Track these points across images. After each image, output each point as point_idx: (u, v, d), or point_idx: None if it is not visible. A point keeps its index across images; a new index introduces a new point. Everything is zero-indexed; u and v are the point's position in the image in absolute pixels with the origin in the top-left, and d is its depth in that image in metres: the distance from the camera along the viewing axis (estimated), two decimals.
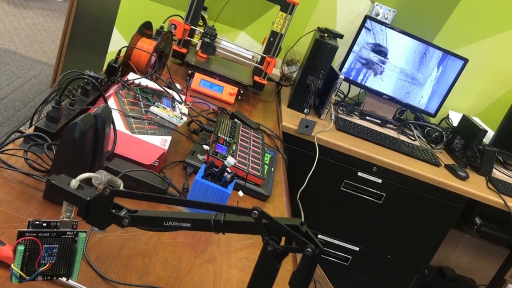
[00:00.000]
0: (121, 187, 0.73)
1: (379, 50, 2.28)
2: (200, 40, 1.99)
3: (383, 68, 2.31)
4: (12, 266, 0.66)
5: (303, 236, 0.62)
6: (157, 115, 1.24)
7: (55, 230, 0.68)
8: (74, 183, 0.69)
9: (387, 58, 2.29)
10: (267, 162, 1.42)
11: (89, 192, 0.69)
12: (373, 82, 2.34)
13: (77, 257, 0.70)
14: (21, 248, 0.65)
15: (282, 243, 0.64)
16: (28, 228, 0.66)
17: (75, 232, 0.69)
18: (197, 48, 2.01)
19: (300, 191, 1.96)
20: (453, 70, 2.32)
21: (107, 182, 0.71)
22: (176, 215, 0.67)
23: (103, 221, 0.69)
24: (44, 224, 0.67)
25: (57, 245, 0.68)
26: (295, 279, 0.64)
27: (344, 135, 2.08)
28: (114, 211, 0.69)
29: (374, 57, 2.29)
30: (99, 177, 0.70)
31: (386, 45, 2.27)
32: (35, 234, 0.66)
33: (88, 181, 0.70)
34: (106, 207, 0.68)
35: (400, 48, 2.28)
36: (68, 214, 0.69)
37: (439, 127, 2.51)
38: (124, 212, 0.69)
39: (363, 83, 2.34)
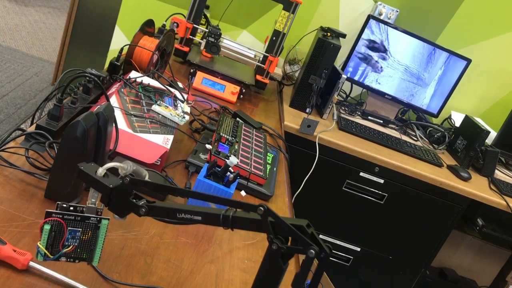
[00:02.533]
0: (146, 178, 0.76)
1: (382, 49, 2.27)
2: (204, 39, 1.98)
3: (386, 68, 2.30)
4: (38, 244, 0.69)
5: (308, 237, 0.61)
6: (159, 114, 1.24)
7: (80, 214, 0.71)
8: (101, 171, 0.71)
9: (390, 58, 2.28)
10: (269, 162, 1.41)
11: (113, 180, 0.71)
12: (375, 82, 2.33)
13: (99, 242, 0.73)
14: (47, 227, 0.69)
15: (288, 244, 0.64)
16: (56, 209, 0.70)
17: (98, 219, 0.72)
18: (202, 48, 2.00)
19: (295, 195, 1.95)
20: (456, 70, 2.31)
21: (133, 172, 0.74)
22: (189, 208, 0.69)
23: (123, 209, 0.72)
24: (71, 208, 0.70)
25: (81, 229, 0.71)
26: (297, 280, 0.63)
27: (346, 135, 2.07)
28: (134, 200, 0.71)
29: (377, 57, 2.28)
30: (125, 167, 0.73)
31: (389, 45, 2.26)
32: (61, 216, 0.69)
33: (116, 172, 0.73)
34: (126, 195, 0.71)
35: (403, 48, 2.27)
36: (93, 200, 0.72)
37: (442, 127, 2.50)
38: (142, 202, 0.71)
39: (365, 82, 2.33)
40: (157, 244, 0.92)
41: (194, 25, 1.97)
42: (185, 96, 1.41)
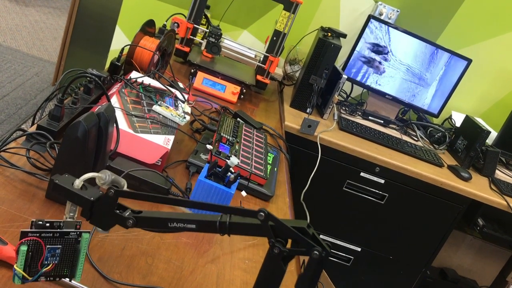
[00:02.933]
0: (125, 187, 0.72)
1: (383, 50, 2.27)
2: (205, 40, 1.98)
3: (388, 68, 2.30)
4: (15, 266, 0.65)
5: (309, 238, 0.61)
6: (160, 114, 1.24)
7: (58, 230, 0.67)
8: (78, 183, 0.68)
9: (392, 58, 2.28)
10: (270, 162, 1.41)
11: (93, 192, 0.68)
12: (376, 82, 2.33)
13: (80, 257, 0.69)
14: (24, 248, 0.64)
15: (288, 245, 0.64)
16: (31, 228, 0.65)
17: (78, 233, 0.68)
18: (202, 48, 2.00)
19: (303, 191, 1.95)
20: (456, 70, 2.31)
21: (111, 182, 0.70)
22: (181, 216, 0.66)
23: (107, 221, 0.68)
24: (47, 224, 0.66)
25: (60, 246, 0.67)
26: (301, 282, 0.63)
27: (346, 135, 2.07)
28: (118, 211, 0.68)
29: (378, 57, 2.28)
30: (103, 177, 0.69)
31: (390, 45, 2.26)
32: (38, 235, 0.65)
33: (91, 180, 0.70)
34: (110, 207, 0.67)
35: (405, 47, 2.27)
36: (71, 214, 0.69)
37: (442, 127, 2.50)
38: (128, 213, 0.68)
39: (366, 82, 2.33)
40: (157, 244, 0.92)
41: (195, 25, 1.97)
42: (186, 96, 1.41)
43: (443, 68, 2.31)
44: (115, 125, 1.05)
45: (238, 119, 1.60)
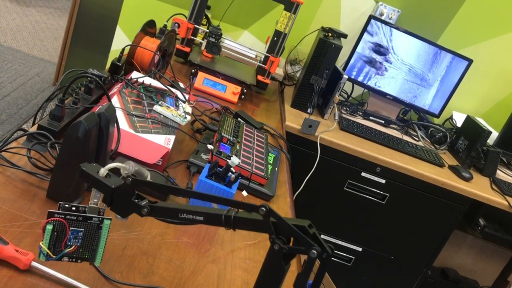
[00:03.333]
0: (148, 178, 0.76)
1: (384, 50, 2.27)
2: (205, 40, 1.98)
3: (388, 68, 2.30)
4: (40, 243, 0.69)
5: (310, 238, 0.61)
6: (161, 114, 1.24)
7: (82, 214, 0.71)
8: (103, 171, 0.72)
9: (393, 59, 2.28)
10: (271, 162, 1.41)
11: (115, 181, 0.72)
12: (377, 83, 2.32)
13: (101, 242, 0.73)
14: (49, 227, 0.69)
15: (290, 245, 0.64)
16: (58, 209, 0.70)
17: (100, 219, 0.72)
18: (202, 48, 2.00)
19: (296, 194, 1.95)
20: (457, 70, 2.31)
21: (135, 173, 0.74)
22: (191, 208, 0.69)
23: (125, 209, 0.72)
24: (73, 208, 0.71)
25: (83, 229, 0.71)
26: (299, 281, 0.63)
27: (347, 135, 2.07)
28: (136, 200, 0.71)
29: (378, 57, 2.28)
30: (127, 167, 0.73)
31: (392, 45, 2.26)
32: (63, 216, 0.70)
33: (118, 172, 0.73)
34: (129, 195, 0.71)
35: (406, 48, 2.27)
36: (95, 200, 0.72)
37: (443, 127, 2.50)
38: (144, 202, 0.71)
39: (367, 83, 2.33)
40: (159, 244, 0.92)
41: (195, 26, 1.97)
42: (187, 96, 1.41)
43: (445, 69, 2.30)
44: (116, 125, 1.05)
45: (239, 119, 1.60)
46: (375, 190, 2.10)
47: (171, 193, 0.70)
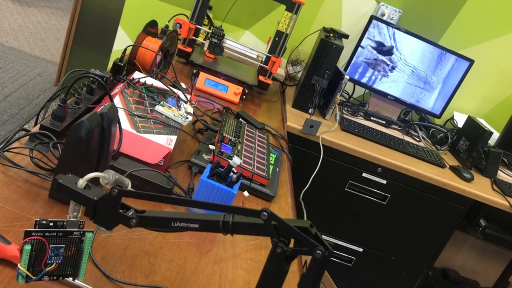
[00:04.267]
0: (129, 187, 0.72)
1: (385, 50, 2.27)
2: (207, 40, 1.98)
3: (390, 69, 2.30)
4: (18, 265, 0.65)
5: (312, 238, 0.61)
6: (163, 114, 1.24)
7: (62, 229, 0.67)
8: (82, 182, 0.68)
9: (396, 59, 2.28)
10: (272, 162, 1.42)
11: (97, 192, 0.68)
12: (379, 84, 2.33)
13: (84, 257, 0.69)
14: (27, 247, 0.65)
15: (291, 245, 0.64)
16: (35, 227, 0.66)
17: (81, 232, 0.68)
18: (205, 48, 2.00)
19: (303, 191, 1.95)
20: (458, 71, 2.31)
21: (115, 182, 0.70)
22: (184, 216, 0.66)
23: (110, 221, 0.69)
24: (51, 224, 0.66)
25: (64, 245, 0.67)
26: (304, 281, 0.63)
27: (348, 136, 2.07)
28: (121, 211, 0.68)
29: (380, 58, 2.28)
30: (107, 176, 0.69)
31: (394, 46, 2.26)
32: (41, 234, 0.66)
33: (95, 180, 0.70)
34: (114, 207, 0.68)
35: (409, 49, 2.27)
36: (75, 213, 0.69)
37: (444, 128, 2.50)
38: (131, 213, 0.68)
39: (368, 83, 2.33)
40: (160, 244, 0.92)
41: (197, 26, 1.98)
42: (188, 96, 1.41)
43: (448, 70, 2.30)
44: (118, 125, 1.05)
45: (240, 119, 1.61)
46: (376, 190, 2.10)
47: (161, 201, 0.66)
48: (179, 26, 1.95)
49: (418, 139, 2.36)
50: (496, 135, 2.46)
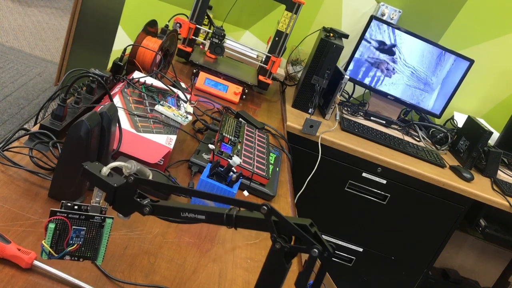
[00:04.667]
0: (150, 178, 0.75)
1: (385, 50, 2.27)
2: (208, 40, 1.98)
3: (390, 69, 2.30)
4: (42, 242, 0.69)
5: (311, 236, 0.62)
6: (162, 114, 1.24)
7: (84, 213, 0.71)
8: (105, 170, 0.72)
9: (396, 59, 2.28)
10: (272, 162, 1.42)
11: (117, 180, 0.72)
12: (379, 84, 2.32)
13: (103, 241, 0.73)
14: (52, 226, 0.69)
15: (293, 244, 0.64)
16: (60, 208, 0.70)
17: (102, 217, 0.72)
18: (206, 49, 2.00)
19: (298, 195, 1.95)
20: (458, 71, 2.31)
21: (137, 172, 0.74)
22: (192, 207, 0.69)
23: (127, 208, 0.72)
24: (76, 207, 0.71)
25: (85, 228, 0.72)
26: (300, 279, 0.63)
27: (348, 136, 2.07)
28: (138, 199, 0.71)
29: (380, 58, 2.28)
30: (129, 166, 0.73)
31: (392, 46, 2.26)
32: (66, 215, 0.70)
33: (120, 171, 0.74)
34: (131, 194, 0.71)
35: (409, 49, 2.27)
36: (97, 199, 0.72)
37: (444, 128, 2.50)
38: (146, 201, 0.72)
39: (368, 83, 2.33)
40: (160, 244, 0.92)
41: (197, 26, 1.98)
42: (188, 96, 1.41)
43: (448, 70, 2.30)
44: (117, 124, 1.05)
45: (240, 119, 1.61)
46: (376, 190, 2.10)
47: (173, 192, 0.70)
48: (179, 25, 1.95)
49: (418, 139, 2.36)
50: (496, 135, 2.46)
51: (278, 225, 0.64)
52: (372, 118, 2.36)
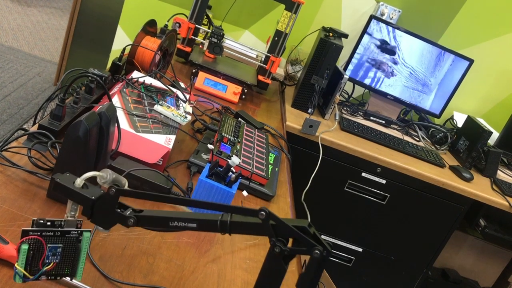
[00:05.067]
0: (126, 186, 0.72)
1: (384, 50, 2.27)
2: (207, 40, 1.98)
3: (389, 69, 2.30)
4: (16, 265, 0.65)
5: (310, 237, 0.61)
6: (161, 114, 1.24)
7: (59, 229, 0.67)
8: (79, 182, 0.68)
9: (393, 59, 2.28)
10: (271, 162, 1.41)
11: (94, 191, 0.68)
12: (379, 84, 2.32)
13: (81, 256, 0.69)
14: (25, 247, 0.65)
15: (290, 244, 0.64)
16: (32, 227, 0.65)
17: (79, 232, 0.68)
18: (204, 48, 2.00)
19: (304, 192, 1.95)
20: (458, 70, 2.31)
21: (112, 181, 0.70)
22: (182, 215, 0.66)
23: (108, 220, 0.68)
24: (49, 223, 0.66)
25: (62, 244, 0.67)
26: (302, 281, 0.63)
27: (348, 135, 2.07)
28: (119, 210, 0.68)
29: (379, 58, 2.28)
30: (104, 176, 0.69)
31: (391, 45, 2.26)
32: (39, 233, 0.65)
33: (93, 179, 0.70)
34: (111, 206, 0.67)
35: (408, 49, 2.27)
36: (72, 213, 0.68)
37: (444, 128, 2.49)
38: (129, 212, 0.68)
39: (367, 83, 2.32)
40: (159, 244, 0.92)
41: (196, 26, 1.98)
42: (187, 96, 1.41)
43: (446, 70, 2.30)
44: (116, 124, 1.05)
45: (240, 119, 1.60)
46: (375, 190, 2.10)
47: (160, 201, 0.66)
48: (178, 25, 1.94)
49: (417, 139, 2.36)
50: (495, 135, 2.46)
51: (276, 228, 0.63)
52: (371, 118, 2.35)
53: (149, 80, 1.35)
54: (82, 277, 0.76)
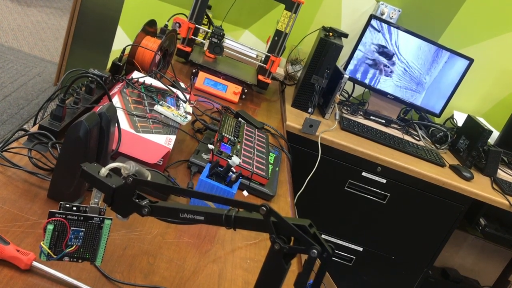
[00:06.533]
0: (149, 179, 0.75)
1: (385, 50, 2.27)
2: (207, 40, 1.98)
3: (389, 68, 2.30)
4: (41, 243, 0.69)
5: (310, 237, 0.61)
6: (162, 114, 1.24)
7: (83, 214, 0.71)
8: (104, 171, 0.72)
9: (393, 59, 2.28)
10: (272, 162, 1.41)
11: (116, 181, 0.72)
12: (379, 83, 2.32)
13: (101, 242, 0.73)
14: (50, 227, 0.69)
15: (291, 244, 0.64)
16: (59, 209, 0.70)
17: (101, 218, 0.72)
18: (204, 48, 2.00)
19: (297, 195, 1.95)
20: (458, 70, 2.31)
21: (135, 173, 0.74)
22: (191, 208, 0.69)
23: (126, 209, 0.72)
24: (74, 208, 0.71)
25: (84, 229, 0.72)
26: (299, 280, 0.63)
27: (348, 135, 2.07)
28: (136, 200, 0.71)
29: (379, 57, 2.28)
30: (128, 167, 0.73)
31: (391, 45, 2.26)
32: (64, 216, 0.70)
33: (119, 173, 0.74)
34: (129, 195, 0.71)
35: (406, 48, 2.27)
36: (96, 200, 0.73)
37: (444, 127, 2.49)
38: (145, 202, 0.71)
39: (367, 82, 2.32)
40: (159, 244, 0.92)
41: (196, 26, 1.98)
42: (187, 96, 1.41)
43: (441, 68, 2.30)
44: (116, 125, 1.05)
45: (240, 119, 1.60)
46: (375, 190, 2.10)
47: (172, 193, 0.70)
48: (178, 25, 1.94)
49: (417, 138, 2.36)
50: (496, 134, 2.46)
51: (277, 225, 0.64)
52: (371, 117, 2.35)
53: (149, 80, 1.35)
54: (82, 277, 0.77)
